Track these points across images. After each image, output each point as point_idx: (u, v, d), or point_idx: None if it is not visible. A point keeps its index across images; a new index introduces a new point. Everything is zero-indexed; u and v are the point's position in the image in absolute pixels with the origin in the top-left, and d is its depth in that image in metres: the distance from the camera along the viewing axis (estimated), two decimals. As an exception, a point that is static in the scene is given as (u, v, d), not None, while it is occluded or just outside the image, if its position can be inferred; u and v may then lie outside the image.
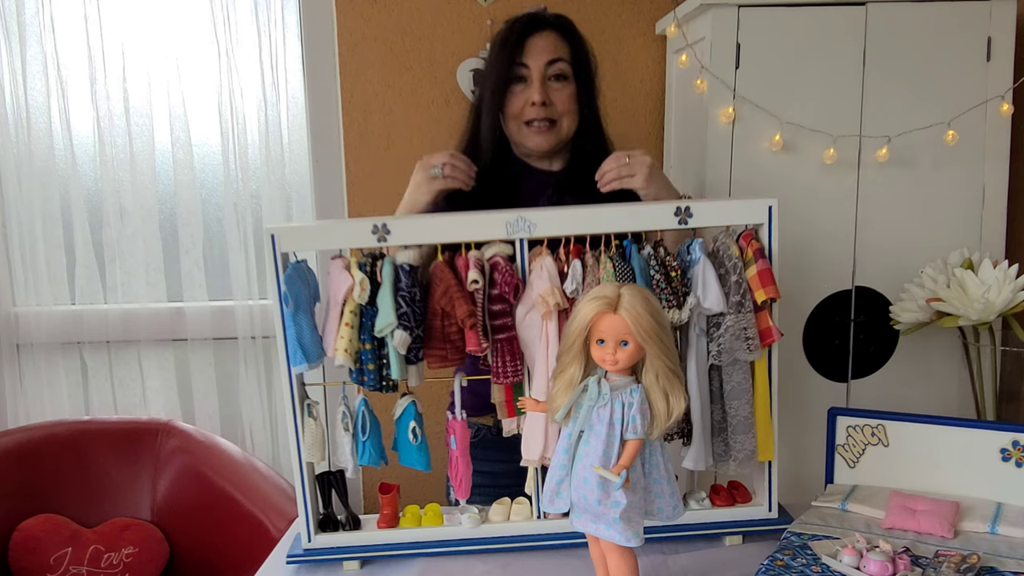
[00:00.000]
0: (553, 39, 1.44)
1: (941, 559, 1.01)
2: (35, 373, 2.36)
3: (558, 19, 1.47)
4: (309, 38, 2.16)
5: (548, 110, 1.43)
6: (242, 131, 2.26)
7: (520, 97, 1.44)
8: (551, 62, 1.43)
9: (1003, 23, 1.71)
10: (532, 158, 1.53)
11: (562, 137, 1.47)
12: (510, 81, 1.44)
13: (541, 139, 1.45)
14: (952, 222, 1.78)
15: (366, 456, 1.18)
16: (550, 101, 1.43)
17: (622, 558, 0.96)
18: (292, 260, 1.14)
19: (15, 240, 2.30)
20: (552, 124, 1.45)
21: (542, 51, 1.43)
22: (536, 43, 1.43)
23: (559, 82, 1.44)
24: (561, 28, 1.46)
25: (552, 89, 1.44)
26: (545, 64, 1.43)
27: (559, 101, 1.44)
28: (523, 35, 1.43)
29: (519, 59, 1.43)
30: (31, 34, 2.23)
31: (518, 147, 1.52)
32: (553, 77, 1.44)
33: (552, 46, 1.44)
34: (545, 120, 1.44)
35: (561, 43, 1.45)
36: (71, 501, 2.09)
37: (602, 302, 0.91)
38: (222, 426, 2.38)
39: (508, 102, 1.45)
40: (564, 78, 1.45)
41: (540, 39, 1.44)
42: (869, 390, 1.83)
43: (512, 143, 1.51)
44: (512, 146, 1.52)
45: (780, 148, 1.74)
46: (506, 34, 1.45)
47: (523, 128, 1.46)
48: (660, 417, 0.93)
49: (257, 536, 1.90)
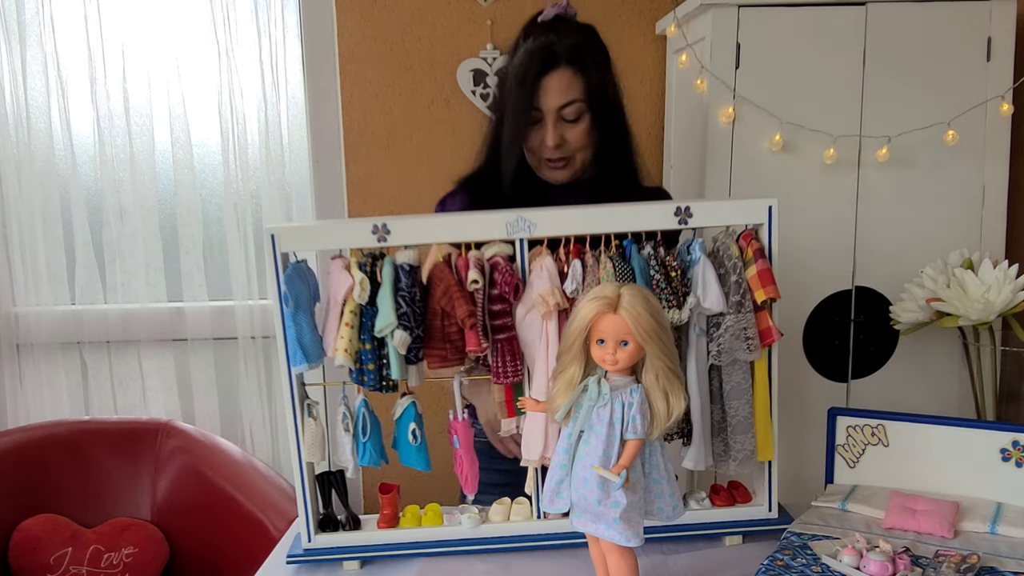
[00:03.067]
0: (567, 78, 1.40)
1: (941, 559, 1.01)
2: (35, 373, 2.36)
3: (573, 54, 1.40)
4: (309, 38, 2.16)
5: (562, 150, 1.43)
6: (242, 131, 2.26)
7: (536, 136, 1.43)
8: (563, 106, 1.40)
9: (1003, 23, 1.71)
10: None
11: (577, 169, 1.47)
12: (527, 122, 1.42)
13: (558, 174, 1.46)
14: (952, 222, 1.78)
15: (366, 456, 1.18)
16: (564, 141, 1.42)
17: (622, 558, 0.96)
18: (292, 260, 1.14)
19: (15, 240, 2.30)
20: (567, 161, 1.45)
21: (555, 93, 1.39)
22: (550, 84, 1.39)
23: (572, 123, 1.42)
24: (576, 63, 1.40)
25: (565, 129, 1.42)
26: (557, 108, 1.40)
27: (573, 139, 1.43)
28: (538, 75, 1.39)
29: (534, 103, 1.40)
30: (31, 34, 2.23)
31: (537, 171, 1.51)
32: (566, 120, 1.42)
33: (566, 87, 1.40)
34: (560, 159, 1.44)
35: (576, 81, 1.40)
36: (71, 501, 2.09)
37: (602, 302, 0.91)
38: (222, 426, 2.38)
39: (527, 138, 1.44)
40: (578, 118, 1.42)
41: (554, 79, 1.39)
42: (869, 390, 1.83)
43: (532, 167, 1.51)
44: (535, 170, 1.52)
45: (780, 148, 1.74)
46: (522, 74, 1.40)
47: (543, 162, 1.46)
48: (660, 417, 0.93)
49: (257, 536, 1.90)
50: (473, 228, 1.14)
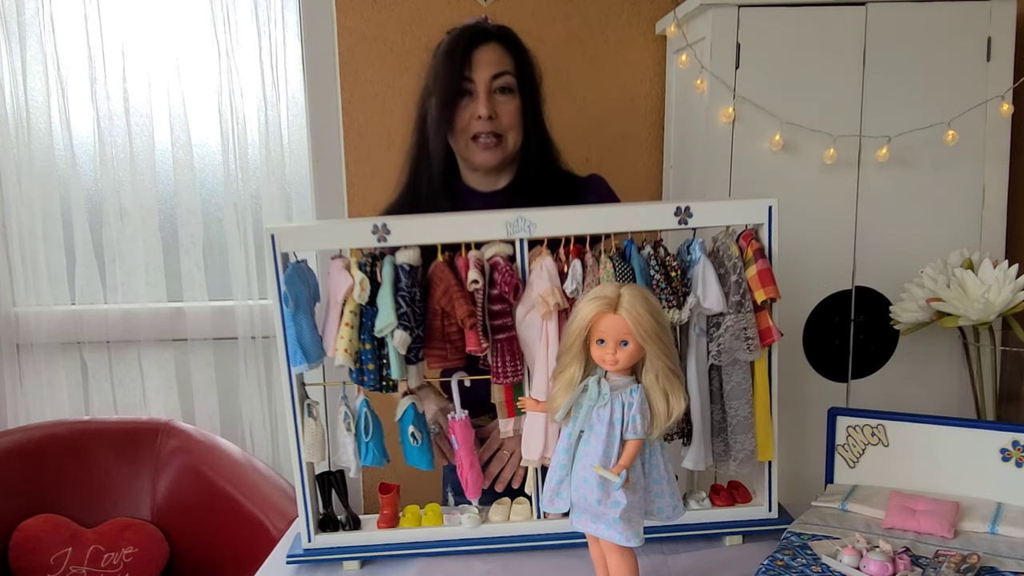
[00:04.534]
0: (498, 52, 1.43)
1: (941, 559, 1.01)
2: (35, 373, 2.36)
3: (502, 31, 1.46)
4: (309, 38, 2.16)
5: (494, 124, 1.42)
6: (242, 131, 2.26)
7: (466, 111, 1.43)
8: (496, 75, 1.42)
9: (1003, 23, 1.71)
10: (477, 180, 1.52)
11: (508, 152, 1.46)
12: (458, 95, 1.42)
13: (488, 155, 1.44)
14: (952, 222, 1.78)
15: (369, 456, 1.18)
16: (496, 115, 1.42)
17: (622, 558, 0.96)
18: (292, 260, 1.14)
19: (15, 240, 2.30)
20: (499, 139, 1.44)
21: (487, 64, 1.42)
22: (481, 56, 1.42)
23: (504, 95, 1.43)
24: (505, 40, 1.45)
25: (497, 103, 1.43)
26: (490, 77, 1.42)
27: (504, 115, 1.43)
28: (468, 48, 1.42)
29: (465, 73, 1.41)
30: (31, 34, 2.23)
31: (464, 162, 1.51)
32: (498, 90, 1.43)
33: (497, 59, 1.43)
34: (492, 135, 1.43)
35: (506, 56, 1.44)
36: (71, 501, 2.09)
37: (602, 302, 0.91)
38: (222, 426, 2.38)
39: (455, 117, 1.44)
40: (509, 91, 1.44)
41: (485, 52, 1.42)
42: (869, 390, 1.83)
43: (459, 158, 1.50)
44: (459, 161, 1.51)
45: (780, 148, 1.74)
46: (451, 47, 1.43)
47: (470, 144, 1.45)
48: (660, 417, 0.93)
49: (257, 536, 1.90)
50: (473, 228, 1.14)
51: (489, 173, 1.51)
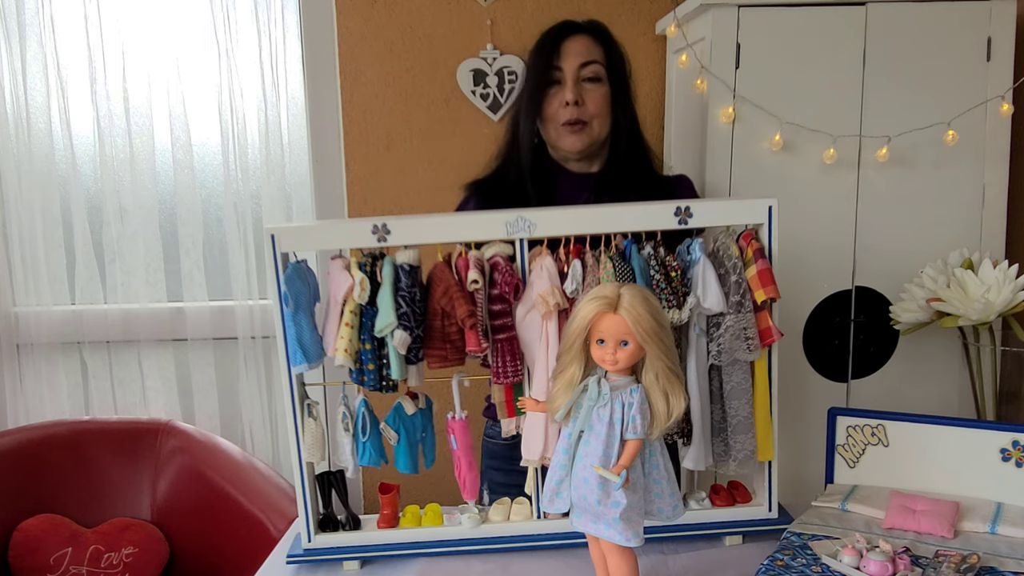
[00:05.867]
0: (586, 42, 1.48)
1: (941, 559, 1.01)
2: (35, 373, 2.36)
3: (591, 24, 1.51)
4: (309, 38, 2.16)
5: (580, 111, 1.47)
6: (242, 131, 2.26)
7: (555, 99, 1.48)
8: (584, 64, 1.47)
9: (1003, 23, 1.71)
10: (570, 161, 1.55)
11: (595, 138, 1.50)
12: (546, 84, 1.48)
13: (575, 139, 1.48)
14: (952, 222, 1.78)
15: (366, 456, 1.18)
16: (583, 102, 1.47)
17: (622, 558, 0.96)
18: (292, 260, 1.14)
19: (15, 240, 2.30)
20: (584, 125, 1.48)
21: (575, 54, 1.47)
22: (570, 46, 1.47)
23: (592, 84, 1.48)
24: (594, 32, 1.50)
25: (585, 90, 1.47)
26: (578, 66, 1.47)
27: (591, 102, 1.47)
28: (557, 39, 1.48)
29: (554, 62, 1.47)
30: (31, 34, 2.23)
31: (555, 150, 1.55)
32: (586, 79, 1.48)
33: (585, 49, 1.48)
34: (578, 121, 1.47)
35: (594, 46, 1.49)
36: (71, 501, 2.09)
37: (602, 302, 0.91)
38: (222, 426, 2.38)
39: (545, 105, 1.49)
40: (597, 80, 1.48)
41: (574, 43, 1.48)
42: (869, 390, 1.83)
43: (550, 146, 1.55)
44: (550, 149, 1.56)
45: (780, 148, 1.74)
46: (542, 40, 1.50)
47: (559, 129, 1.49)
48: (660, 417, 0.93)
49: (257, 536, 1.90)
50: (473, 228, 1.14)
51: (580, 160, 1.54)
